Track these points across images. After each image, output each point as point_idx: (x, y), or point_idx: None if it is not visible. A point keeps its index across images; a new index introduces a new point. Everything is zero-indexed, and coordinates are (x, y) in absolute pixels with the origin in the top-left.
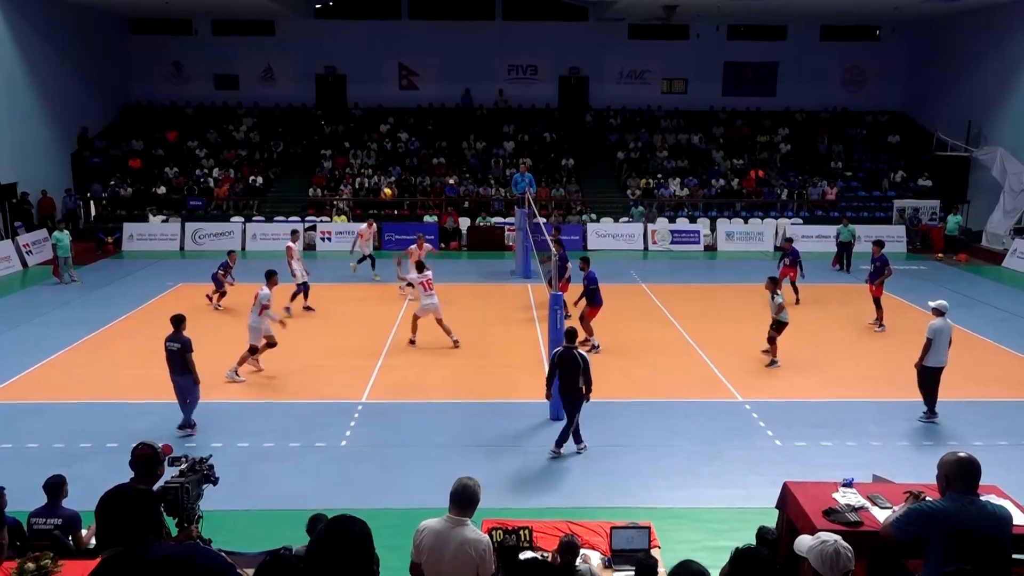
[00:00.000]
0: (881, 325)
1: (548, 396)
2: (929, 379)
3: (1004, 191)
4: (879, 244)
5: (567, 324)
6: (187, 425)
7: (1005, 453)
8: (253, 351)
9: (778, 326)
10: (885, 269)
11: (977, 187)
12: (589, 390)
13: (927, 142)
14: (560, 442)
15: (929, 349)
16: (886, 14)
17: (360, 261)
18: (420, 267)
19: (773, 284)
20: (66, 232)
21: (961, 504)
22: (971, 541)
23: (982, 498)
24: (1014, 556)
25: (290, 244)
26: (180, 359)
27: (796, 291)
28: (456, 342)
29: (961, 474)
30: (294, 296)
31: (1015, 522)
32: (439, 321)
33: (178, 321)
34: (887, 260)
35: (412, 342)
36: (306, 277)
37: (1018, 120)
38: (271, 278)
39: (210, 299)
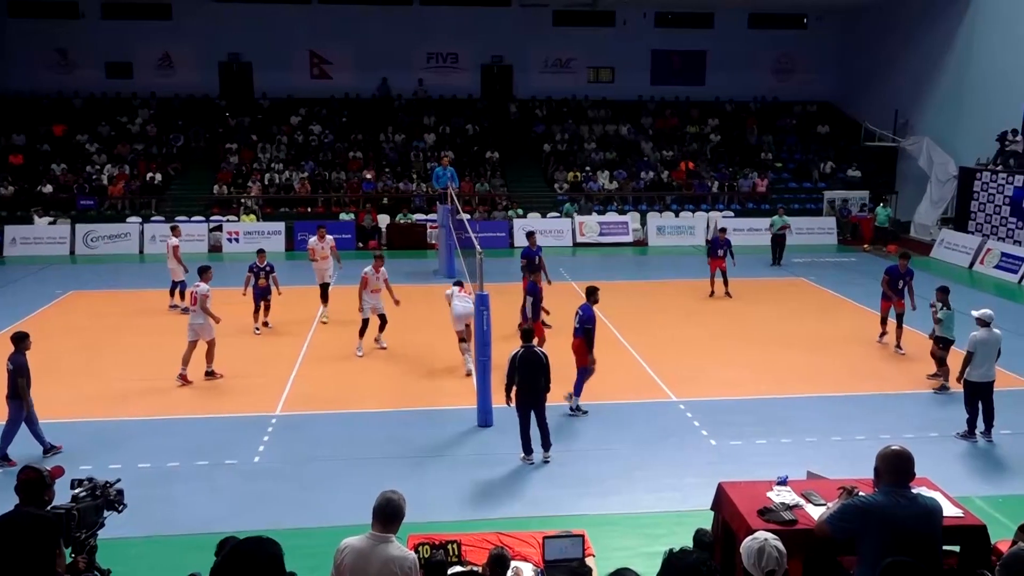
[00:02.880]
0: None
1: (509, 402)
2: (973, 394)
3: (931, 181)
4: (906, 256)
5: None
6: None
7: (938, 445)
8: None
9: (944, 343)
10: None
11: (905, 177)
12: (547, 389)
13: (856, 132)
14: (547, 445)
15: (970, 362)
16: (813, 2)
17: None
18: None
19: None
20: None
21: (893, 498)
22: (903, 534)
23: (914, 491)
24: (944, 547)
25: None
26: (10, 382)
27: (727, 283)
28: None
29: (892, 468)
30: (182, 293)
31: (945, 514)
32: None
33: (18, 340)
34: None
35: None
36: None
37: (943, 109)
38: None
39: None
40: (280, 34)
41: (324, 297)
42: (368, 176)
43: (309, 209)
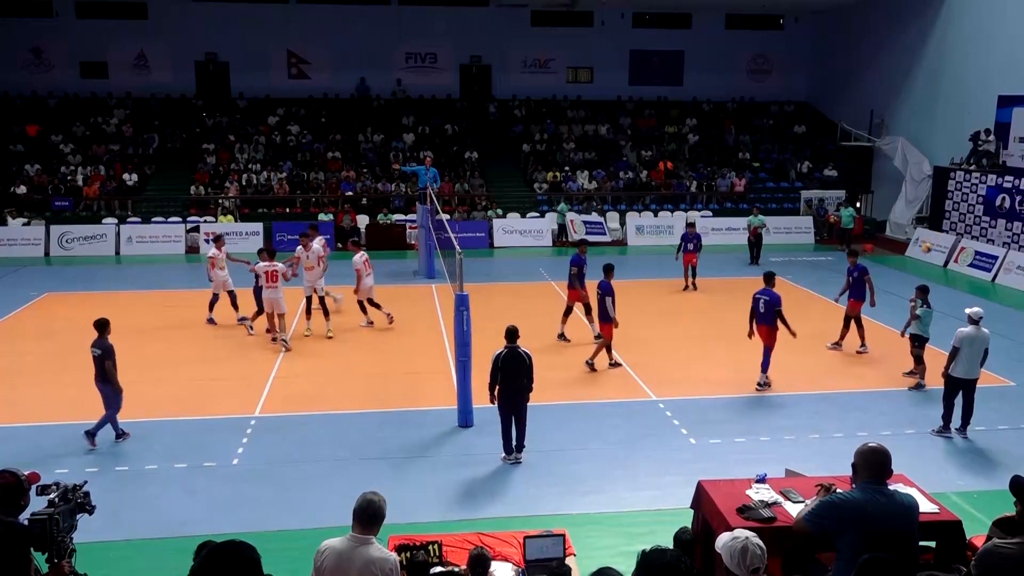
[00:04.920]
0: (862, 346)
1: (493, 401)
2: (953, 389)
3: (906, 180)
4: (854, 254)
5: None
6: (121, 433)
7: (914, 441)
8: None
9: (919, 341)
10: (867, 280)
11: (881, 177)
12: (530, 389)
13: (832, 132)
14: (520, 447)
15: (954, 358)
16: (789, 3)
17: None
18: (272, 255)
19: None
20: None
21: (871, 494)
22: (881, 530)
23: (891, 487)
24: (920, 543)
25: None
26: (101, 367)
27: (695, 276)
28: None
29: (869, 464)
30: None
31: (921, 510)
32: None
33: (101, 326)
34: (867, 270)
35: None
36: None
37: (917, 109)
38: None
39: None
40: (257, 34)
41: (308, 311)
42: (350, 176)
43: (287, 210)
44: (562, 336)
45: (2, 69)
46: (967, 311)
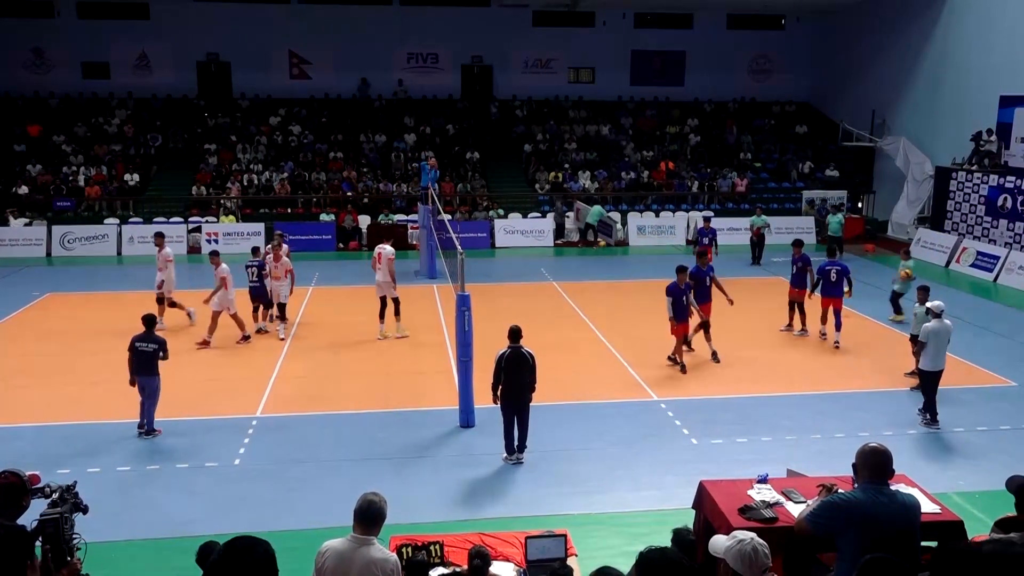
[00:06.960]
0: (802, 330)
1: (496, 401)
2: (927, 383)
3: (907, 181)
4: (798, 244)
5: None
6: (152, 429)
7: (916, 442)
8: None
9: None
10: (807, 270)
11: (882, 177)
12: (533, 389)
13: (833, 132)
14: (522, 447)
15: (923, 351)
16: (790, 3)
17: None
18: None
19: (924, 293)
20: None
21: (872, 494)
22: (882, 531)
23: (892, 487)
24: (922, 544)
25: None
26: (154, 360)
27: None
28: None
29: (871, 465)
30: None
31: (923, 510)
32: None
33: (150, 322)
34: (808, 260)
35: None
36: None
37: (919, 110)
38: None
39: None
40: (259, 34)
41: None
42: (351, 176)
43: (289, 210)
44: (715, 356)
45: (3, 69)
46: (928, 305)
